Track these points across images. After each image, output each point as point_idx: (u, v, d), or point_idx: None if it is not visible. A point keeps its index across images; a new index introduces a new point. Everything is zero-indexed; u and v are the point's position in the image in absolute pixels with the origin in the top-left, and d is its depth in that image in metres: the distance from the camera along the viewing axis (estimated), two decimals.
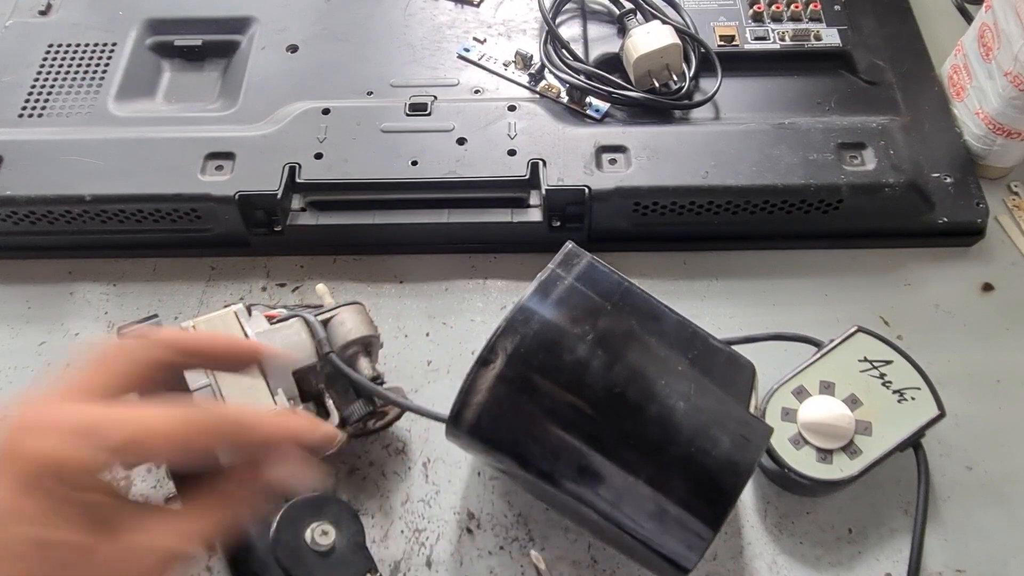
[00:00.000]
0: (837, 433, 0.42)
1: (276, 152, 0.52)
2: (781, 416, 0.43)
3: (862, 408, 0.42)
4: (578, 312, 0.38)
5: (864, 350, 0.44)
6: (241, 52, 0.60)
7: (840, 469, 0.41)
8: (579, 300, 0.38)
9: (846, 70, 0.58)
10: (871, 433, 0.42)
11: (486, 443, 0.38)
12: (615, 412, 0.36)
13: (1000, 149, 0.54)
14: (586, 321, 0.37)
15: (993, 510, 0.44)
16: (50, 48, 0.60)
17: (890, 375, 0.43)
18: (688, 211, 0.52)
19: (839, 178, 0.50)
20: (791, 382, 0.44)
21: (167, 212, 0.52)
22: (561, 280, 0.39)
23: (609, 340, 0.37)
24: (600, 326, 0.37)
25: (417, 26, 0.61)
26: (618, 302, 0.39)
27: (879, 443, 0.42)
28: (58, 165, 0.52)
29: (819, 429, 0.42)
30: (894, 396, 0.43)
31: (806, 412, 0.42)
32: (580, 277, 0.39)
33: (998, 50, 0.51)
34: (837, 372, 0.44)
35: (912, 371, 0.43)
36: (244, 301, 0.53)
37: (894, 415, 0.42)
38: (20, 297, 0.54)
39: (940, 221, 0.52)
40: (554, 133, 0.53)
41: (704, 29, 0.59)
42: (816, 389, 0.43)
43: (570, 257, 0.40)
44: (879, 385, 0.43)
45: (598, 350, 0.37)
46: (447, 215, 0.52)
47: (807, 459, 0.42)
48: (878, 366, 0.44)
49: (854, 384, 0.43)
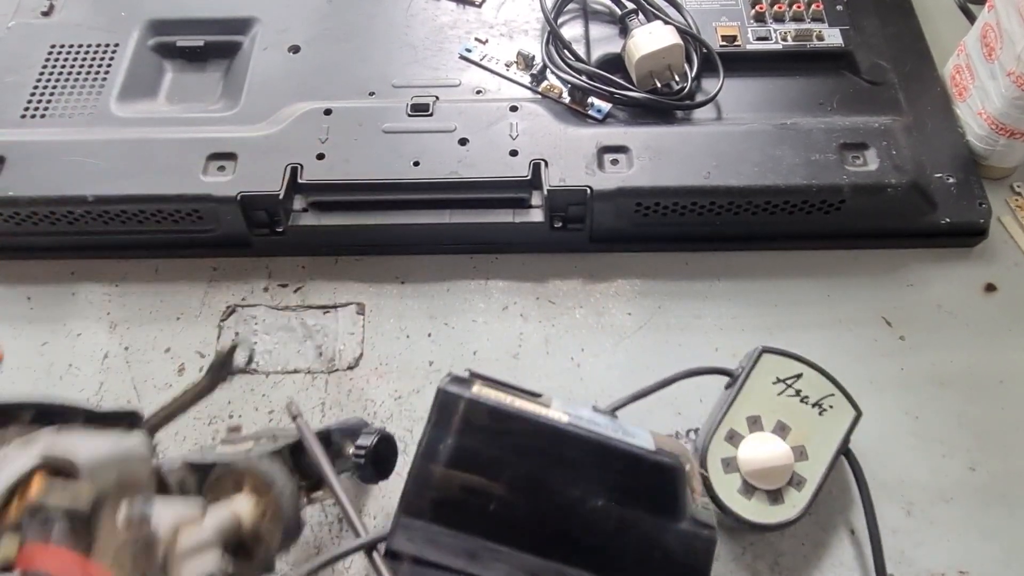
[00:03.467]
0: (781, 472, 0.41)
1: (278, 153, 0.52)
2: (723, 469, 0.42)
3: (792, 433, 0.42)
4: (473, 476, 0.33)
5: (774, 370, 0.43)
6: (243, 53, 0.60)
7: (793, 505, 0.41)
8: (468, 460, 0.33)
9: (848, 70, 0.58)
10: (807, 456, 0.42)
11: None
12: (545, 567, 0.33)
13: (1003, 149, 0.54)
14: (485, 482, 0.33)
15: (996, 510, 0.44)
16: (52, 49, 0.60)
17: (804, 389, 0.43)
18: (690, 211, 0.52)
19: (841, 178, 0.50)
20: (721, 428, 0.42)
21: (169, 213, 0.52)
22: (443, 442, 0.34)
23: (516, 494, 0.33)
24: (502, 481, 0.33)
25: (419, 26, 0.61)
26: (511, 445, 0.34)
27: (817, 464, 0.41)
28: (60, 166, 0.52)
29: (763, 474, 0.41)
30: (814, 410, 0.42)
31: (745, 458, 0.41)
32: (462, 431, 0.34)
33: (1001, 50, 0.51)
34: (758, 403, 0.43)
35: (821, 379, 0.43)
36: (246, 301, 0.53)
37: (820, 430, 0.42)
38: (22, 297, 0.54)
39: (943, 221, 0.52)
40: (556, 133, 0.53)
41: (706, 29, 0.59)
42: (745, 428, 0.42)
43: (445, 407, 0.34)
44: (798, 403, 0.43)
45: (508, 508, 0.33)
46: (449, 215, 0.52)
47: (761, 506, 0.41)
48: (791, 383, 0.43)
49: (777, 410, 0.42)
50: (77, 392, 0.49)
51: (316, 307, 0.53)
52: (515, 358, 0.50)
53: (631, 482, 0.34)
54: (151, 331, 0.52)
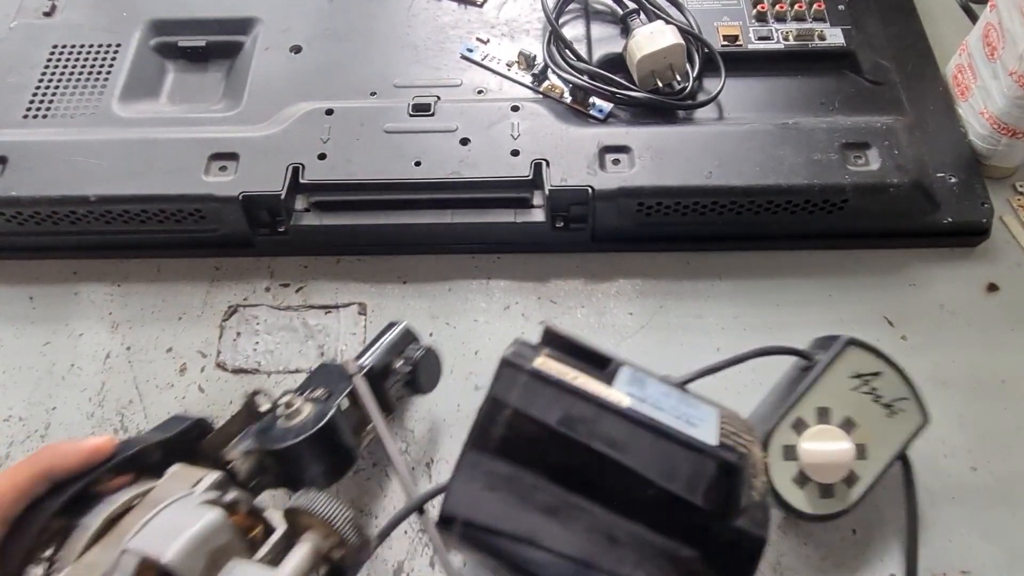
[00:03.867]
0: (839, 468, 0.41)
1: (280, 152, 0.53)
2: (783, 456, 0.41)
3: (858, 431, 0.41)
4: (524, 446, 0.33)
5: (856, 365, 0.42)
6: (245, 53, 0.60)
7: (842, 500, 0.41)
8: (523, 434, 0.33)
9: (850, 70, 0.58)
10: (867, 456, 0.41)
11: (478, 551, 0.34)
12: None
13: (1005, 149, 0.53)
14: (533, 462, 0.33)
15: (998, 510, 0.44)
16: (54, 49, 0.60)
17: (880, 388, 0.42)
18: (692, 211, 0.51)
19: (843, 178, 0.50)
20: (789, 415, 0.42)
21: (171, 213, 0.52)
22: (501, 412, 0.33)
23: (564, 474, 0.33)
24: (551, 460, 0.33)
25: (420, 26, 0.61)
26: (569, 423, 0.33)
27: (874, 466, 0.41)
28: (62, 166, 0.53)
29: (821, 469, 0.41)
30: (884, 411, 0.42)
31: (807, 450, 0.41)
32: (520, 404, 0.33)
33: (1003, 50, 0.51)
34: (832, 395, 0.42)
35: (899, 380, 0.42)
36: (248, 301, 0.53)
37: (885, 431, 0.42)
38: (24, 297, 0.54)
39: (945, 221, 0.52)
40: (557, 133, 0.53)
41: (708, 29, 0.59)
42: (813, 418, 0.42)
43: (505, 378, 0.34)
44: (870, 402, 0.42)
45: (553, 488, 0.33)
46: (450, 215, 0.52)
47: (811, 496, 0.41)
48: (869, 380, 0.42)
49: (848, 405, 0.42)
50: (79, 392, 0.50)
51: (318, 307, 0.53)
52: None
53: (686, 474, 0.33)
54: (153, 331, 0.52)
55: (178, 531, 0.29)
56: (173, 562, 0.28)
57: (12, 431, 0.48)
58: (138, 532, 0.30)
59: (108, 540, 0.31)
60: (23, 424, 0.49)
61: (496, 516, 0.33)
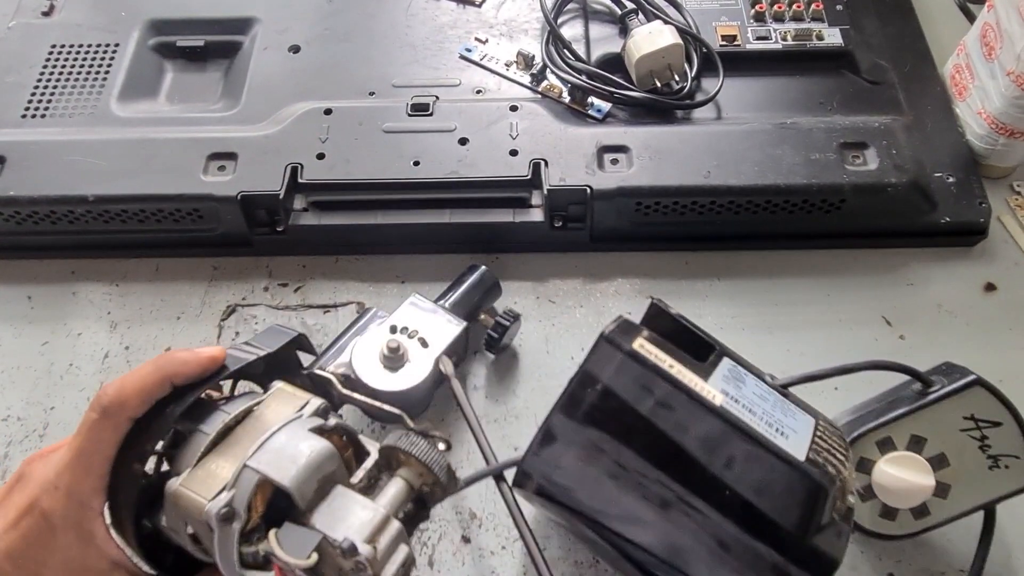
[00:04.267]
0: (911, 499, 0.38)
1: (278, 152, 0.53)
2: (857, 466, 0.39)
3: (947, 470, 0.38)
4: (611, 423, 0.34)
5: (975, 406, 0.38)
6: (243, 53, 0.60)
7: (900, 526, 0.38)
8: (613, 410, 0.34)
9: (848, 70, 0.58)
10: (947, 496, 0.38)
11: (550, 505, 0.36)
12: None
13: (1003, 149, 0.54)
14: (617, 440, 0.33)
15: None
16: (53, 49, 0.60)
17: (992, 439, 0.38)
18: (690, 211, 0.52)
19: (841, 178, 0.50)
20: (879, 432, 0.39)
21: (169, 212, 0.52)
22: (592, 387, 0.34)
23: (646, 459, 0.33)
24: (636, 442, 0.33)
25: (419, 26, 0.61)
26: (659, 409, 0.34)
27: (952, 507, 0.38)
28: (61, 165, 0.53)
29: (893, 493, 0.38)
30: (987, 461, 0.38)
31: (884, 471, 0.38)
32: (613, 382, 0.34)
33: (1000, 49, 0.51)
34: (935, 427, 0.38)
35: (1019, 437, 0.38)
36: (246, 301, 0.53)
37: (979, 481, 0.38)
38: (23, 297, 0.54)
39: (942, 221, 0.52)
40: (556, 133, 0.53)
41: (706, 29, 0.59)
42: (904, 443, 0.38)
43: (601, 356, 0.35)
44: (976, 448, 0.38)
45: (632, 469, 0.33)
46: (449, 215, 0.52)
47: (870, 511, 0.39)
48: (983, 427, 0.38)
49: (948, 443, 0.38)
50: (77, 392, 0.49)
51: (316, 306, 0.53)
52: (515, 357, 0.50)
53: (765, 484, 0.32)
54: (151, 330, 0.52)
55: (294, 456, 0.32)
56: (293, 486, 0.31)
57: (10, 431, 0.48)
58: (257, 451, 0.32)
59: (223, 449, 0.33)
60: (21, 424, 0.48)
61: (572, 477, 0.34)
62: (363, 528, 0.32)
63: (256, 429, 0.34)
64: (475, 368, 0.50)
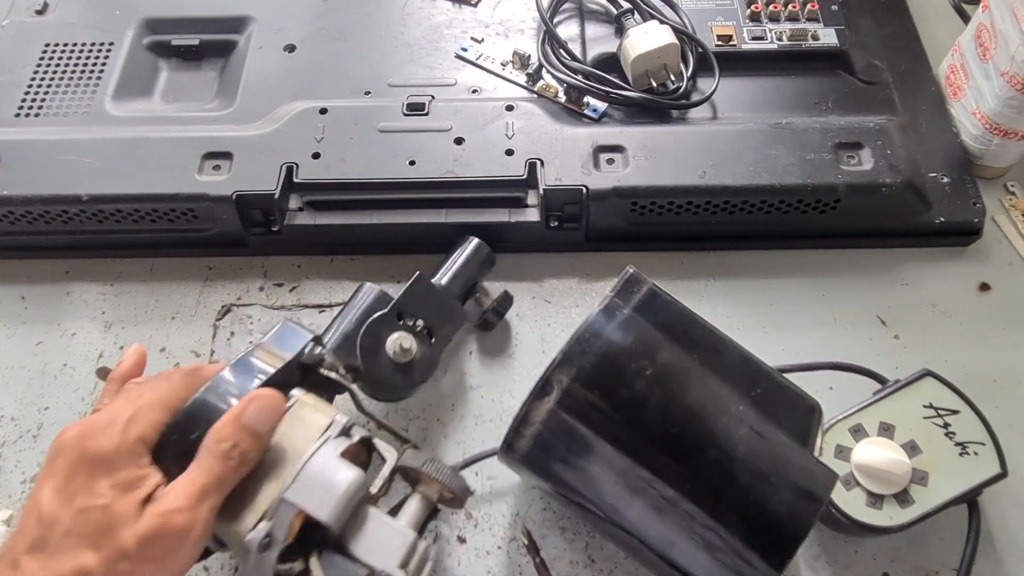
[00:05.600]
0: (891, 480, 0.40)
1: (273, 152, 0.52)
2: (835, 453, 0.41)
3: (920, 456, 0.41)
4: (637, 346, 0.36)
5: (931, 396, 0.42)
6: (238, 52, 0.60)
7: (889, 517, 0.40)
8: (638, 333, 0.37)
9: (843, 70, 0.58)
10: (927, 484, 0.40)
11: (536, 471, 0.37)
12: (671, 453, 0.35)
13: (997, 149, 0.54)
14: (645, 355, 0.36)
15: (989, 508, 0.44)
16: (47, 48, 0.60)
17: (955, 426, 0.41)
18: (685, 211, 0.52)
19: (836, 178, 0.51)
20: (850, 419, 0.42)
21: (164, 212, 0.52)
22: (620, 310, 0.37)
23: (668, 377, 0.36)
24: (659, 361, 0.36)
25: (415, 26, 0.61)
26: (679, 335, 0.37)
27: (934, 495, 0.40)
28: (55, 165, 0.52)
29: (873, 473, 0.40)
30: (956, 448, 0.41)
31: (861, 453, 0.41)
32: (640, 307, 0.37)
33: (995, 50, 0.51)
34: (899, 415, 0.42)
35: (979, 425, 0.42)
36: (241, 300, 0.53)
37: (953, 468, 0.41)
38: (17, 297, 0.54)
39: (937, 221, 0.52)
40: (552, 133, 0.53)
41: (702, 29, 0.59)
42: (875, 430, 0.42)
43: (630, 284, 0.38)
44: (942, 435, 0.41)
45: (656, 387, 0.35)
46: (445, 215, 0.52)
47: (856, 501, 0.40)
48: (943, 415, 0.42)
49: (915, 430, 0.41)
50: (71, 392, 0.49)
51: (312, 306, 0.53)
52: (511, 357, 0.50)
53: (773, 401, 0.37)
54: (146, 330, 0.52)
55: (331, 489, 0.34)
56: (332, 520, 0.33)
57: (4, 431, 0.48)
58: (293, 482, 0.34)
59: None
60: (15, 424, 0.48)
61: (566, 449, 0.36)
62: (397, 554, 0.34)
63: (286, 448, 0.35)
64: (471, 367, 0.50)
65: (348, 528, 0.34)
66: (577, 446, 0.36)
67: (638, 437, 0.35)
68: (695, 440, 0.35)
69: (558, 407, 0.35)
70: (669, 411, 0.35)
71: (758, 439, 0.35)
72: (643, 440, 0.35)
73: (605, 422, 0.35)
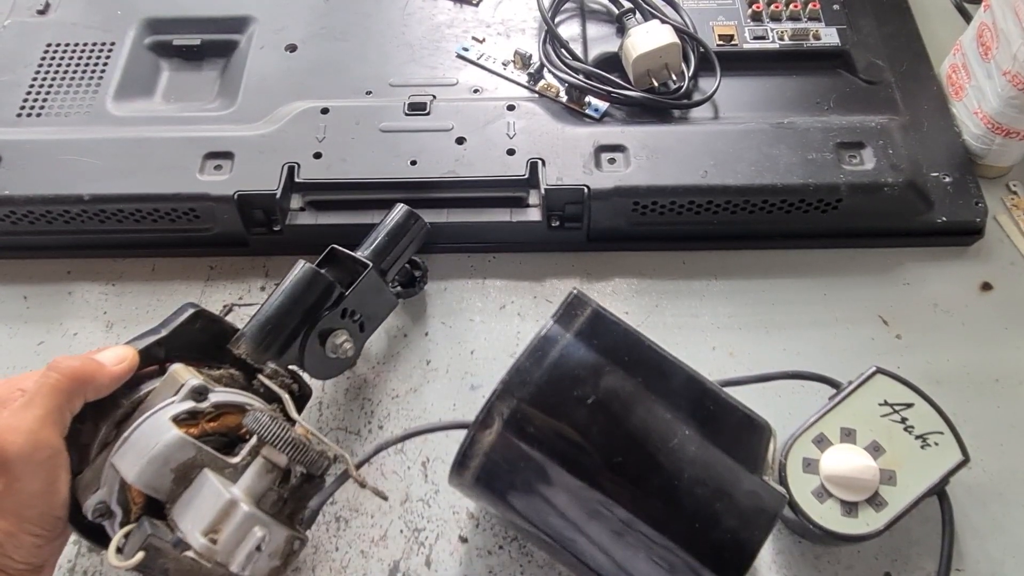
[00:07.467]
0: (862, 486, 0.40)
1: (275, 152, 0.52)
2: (803, 467, 0.41)
3: (885, 456, 0.41)
4: (579, 371, 0.35)
5: (884, 393, 0.42)
6: (240, 51, 0.60)
7: (866, 523, 0.40)
8: (580, 359, 0.36)
9: (845, 69, 0.58)
10: (895, 483, 0.40)
11: (484, 499, 0.37)
12: (615, 482, 0.34)
13: (999, 148, 0.54)
14: (586, 382, 0.35)
15: (991, 509, 0.44)
16: (48, 48, 0.60)
17: (911, 419, 0.41)
18: (687, 210, 0.52)
19: (838, 177, 0.50)
20: (811, 430, 0.42)
21: (166, 212, 0.52)
22: (561, 337, 0.36)
23: (610, 404, 0.35)
24: (601, 387, 0.35)
25: (416, 25, 0.61)
26: (622, 358, 0.36)
27: (904, 493, 0.40)
28: (56, 165, 0.52)
29: (843, 482, 0.40)
30: (917, 442, 0.41)
31: (828, 463, 0.40)
32: (581, 332, 0.37)
33: (997, 49, 0.51)
34: (857, 417, 0.42)
35: (934, 414, 0.42)
36: (243, 300, 0.53)
37: (918, 462, 0.41)
38: (18, 297, 0.54)
39: (939, 220, 0.52)
40: (553, 132, 0.53)
41: (703, 28, 0.59)
42: (837, 436, 0.41)
43: (572, 308, 0.38)
44: (901, 431, 0.41)
45: (598, 415, 0.35)
46: (446, 215, 0.52)
47: (832, 513, 0.40)
48: (899, 410, 0.42)
49: (875, 430, 0.41)
50: None
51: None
52: (512, 357, 0.50)
53: (720, 424, 0.36)
54: None
55: (143, 451, 0.32)
56: (136, 482, 0.32)
57: None
58: (120, 447, 0.33)
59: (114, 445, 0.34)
60: None
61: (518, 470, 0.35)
62: (201, 520, 0.32)
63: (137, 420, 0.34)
64: (473, 367, 0.50)
65: (177, 492, 0.33)
66: (520, 477, 0.35)
67: (582, 467, 0.35)
68: (639, 469, 0.34)
69: (499, 438, 0.35)
70: (612, 439, 0.35)
71: (703, 465, 0.35)
72: (587, 470, 0.35)
73: (548, 452, 0.35)
